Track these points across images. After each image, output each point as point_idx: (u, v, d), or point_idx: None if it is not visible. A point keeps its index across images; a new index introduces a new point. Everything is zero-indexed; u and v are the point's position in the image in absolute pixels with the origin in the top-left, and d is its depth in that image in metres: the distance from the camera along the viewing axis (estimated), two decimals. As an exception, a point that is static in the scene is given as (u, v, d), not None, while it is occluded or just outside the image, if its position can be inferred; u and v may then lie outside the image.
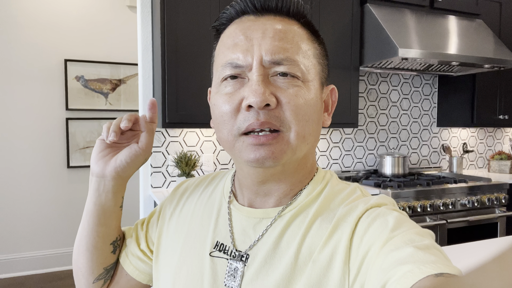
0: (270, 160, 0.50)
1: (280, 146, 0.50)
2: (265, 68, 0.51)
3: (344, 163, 2.77)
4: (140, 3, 2.22)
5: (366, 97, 2.82)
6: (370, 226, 0.47)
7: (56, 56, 3.20)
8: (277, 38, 0.51)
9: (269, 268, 0.51)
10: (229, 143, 0.53)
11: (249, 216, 0.57)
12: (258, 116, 0.49)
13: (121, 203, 0.66)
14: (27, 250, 3.19)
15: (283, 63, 0.50)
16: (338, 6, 2.34)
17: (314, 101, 0.53)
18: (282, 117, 0.50)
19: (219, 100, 0.53)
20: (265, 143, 0.49)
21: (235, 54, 0.51)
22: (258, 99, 0.48)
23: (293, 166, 0.54)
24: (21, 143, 3.13)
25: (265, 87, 0.49)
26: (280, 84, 0.51)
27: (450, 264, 0.38)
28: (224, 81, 0.53)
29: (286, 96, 0.50)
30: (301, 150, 0.52)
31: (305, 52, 0.53)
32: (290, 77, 0.51)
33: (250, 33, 0.52)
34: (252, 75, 0.50)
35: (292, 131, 0.50)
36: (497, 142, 3.37)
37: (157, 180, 2.25)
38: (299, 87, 0.51)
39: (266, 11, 0.54)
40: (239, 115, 0.51)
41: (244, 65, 0.51)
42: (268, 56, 0.50)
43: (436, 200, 2.27)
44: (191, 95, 2.00)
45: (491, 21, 2.82)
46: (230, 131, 0.51)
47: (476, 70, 2.70)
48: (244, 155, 0.51)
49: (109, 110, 3.36)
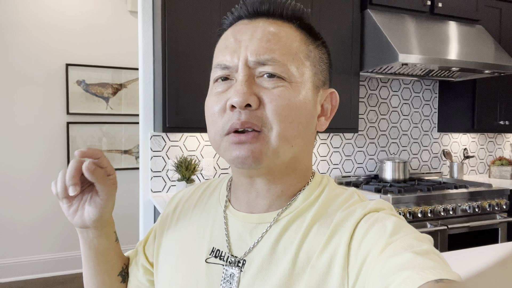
0: (250, 159, 0.50)
1: (259, 146, 0.50)
2: (251, 68, 0.51)
3: (345, 168, 2.76)
4: (141, 8, 2.23)
5: (367, 102, 2.82)
6: (368, 231, 0.46)
7: (58, 60, 3.21)
8: (264, 40, 0.51)
9: (266, 274, 0.50)
10: (216, 142, 0.53)
11: (245, 222, 0.56)
12: (240, 116, 0.49)
13: (115, 238, 0.67)
14: (28, 254, 3.18)
15: (267, 63, 0.50)
16: (338, 12, 2.35)
17: (301, 103, 0.52)
18: (264, 117, 0.50)
19: (209, 100, 0.54)
20: (245, 141, 0.49)
21: (224, 56, 0.53)
22: (240, 99, 0.48)
23: (280, 169, 0.54)
24: (22, 147, 3.13)
25: (247, 87, 0.49)
26: (265, 84, 0.51)
27: (449, 269, 0.37)
28: (216, 82, 0.54)
29: (268, 96, 0.50)
30: (285, 152, 0.51)
31: (294, 54, 0.52)
32: (276, 78, 0.51)
33: (239, 36, 0.53)
34: (238, 75, 0.51)
35: (273, 131, 0.50)
36: (498, 148, 3.37)
37: (157, 184, 2.24)
38: (284, 87, 0.50)
39: (258, 14, 0.54)
40: (225, 115, 0.51)
41: (231, 66, 0.52)
42: (253, 56, 0.50)
43: (437, 205, 2.26)
44: (192, 100, 2.00)
45: (491, 27, 2.83)
46: (216, 132, 0.52)
47: (477, 76, 2.70)
48: (227, 154, 0.52)
49: (110, 114, 3.37)
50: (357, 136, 2.80)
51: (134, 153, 3.47)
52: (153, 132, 2.24)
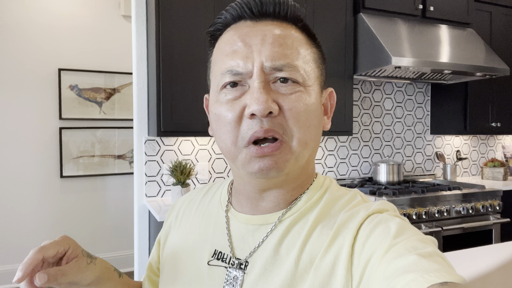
0: (274, 171, 0.50)
1: (283, 156, 0.50)
2: (266, 74, 0.50)
3: (339, 171, 2.77)
4: (135, 13, 2.22)
5: (360, 105, 2.83)
6: (372, 232, 0.46)
7: (50, 65, 3.19)
8: (276, 44, 0.50)
9: (269, 276, 0.50)
10: (231, 153, 0.52)
11: (247, 223, 0.56)
12: (262, 124, 0.48)
13: (118, 274, 0.64)
14: (19, 261, 3.13)
15: (284, 69, 0.50)
16: (331, 16, 2.37)
17: (315, 106, 0.53)
18: (285, 124, 0.49)
19: (220, 108, 0.52)
20: (268, 154, 0.49)
21: (234, 61, 0.51)
22: (261, 107, 0.47)
23: (296, 173, 0.54)
24: (13, 153, 3.09)
25: (267, 94, 0.48)
26: (282, 90, 0.50)
27: (454, 272, 0.37)
28: (224, 88, 0.52)
29: (288, 103, 0.49)
30: (304, 156, 0.52)
31: (304, 57, 0.52)
32: (291, 82, 0.50)
33: (249, 40, 0.51)
34: (253, 82, 0.50)
35: (294, 138, 0.50)
36: (490, 150, 3.41)
37: (151, 189, 2.23)
38: (300, 92, 0.51)
39: (263, 16, 0.53)
40: (243, 123, 0.50)
41: (245, 72, 0.50)
42: (268, 62, 0.49)
43: (431, 207, 2.27)
44: (186, 104, 1.99)
45: (482, 30, 2.86)
46: (234, 142, 0.50)
47: (468, 78, 2.73)
48: (248, 167, 0.50)
49: (103, 119, 3.34)
50: (352, 139, 2.81)
51: (127, 158, 3.44)
52: (147, 137, 2.22)
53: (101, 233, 3.37)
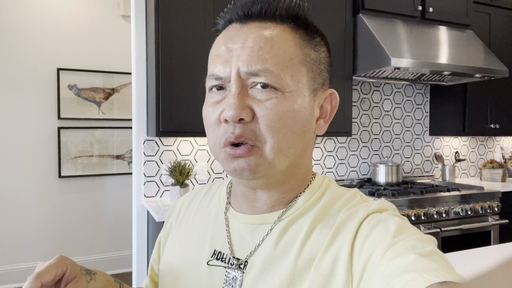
0: (247, 172, 0.50)
1: (254, 159, 0.50)
2: (243, 79, 0.50)
3: (338, 172, 2.77)
4: (134, 13, 2.22)
5: (359, 106, 2.84)
6: (371, 232, 0.46)
7: (49, 65, 3.18)
8: (256, 48, 0.49)
9: (268, 275, 0.50)
10: (215, 153, 0.53)
11: (246, 223, 0.56)
12: (234, 129, 0.49)
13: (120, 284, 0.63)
14: (18, 261, 3.12)
15: (259, 74, 0.49)
16: (331, 17, 2.37)
17: (296, 112, 0.51)
18: (257, 131, 0.49)
19: (206, 110, 0.54)
20: (240, 155, 0.50)
21: (217, 67, 0.51)
22: (232, 114, 0.48)
23: (278, 177, 0.53)
24: (12, 152, 3.08)
25: (240, 101, 0.49)
26: (259, 96, 0.50)
27: (453, 271, 0.37)
28: (211, 91, 0.53)
29: (261, 110, 0.49)
30: (281, 162, 0.51)
31: (288, 61, 0.50)
32: (269, 88, 0.49)
33: (231, 44, 0.51)
34: (231, 87, 0.50)
35: (267, 145, 0.50)
36: (489, 151, 3.41)
37: (150, 189, 2.22)
38: (276, 99, 0.49)
39: (250, 17, 0.52)
40: (221, 126, 0.51)
41: (224, 76, 0.51)
42: (244, 67, 0.49)
43: (430, 208, 2.27)
44: (185, 104, 1.99)
45: (481, 32, 2.87)
46: (215, 143, 0.52)
47: (467, 80, 2.73)
48: (226, 165, 0.52)
49: (102, 119, 3.34)
50: (350, 140, 2.81)
51: (126, 158, 3.44)
52: (146, 137, 2.22)
53: (99, 233, 3.36)
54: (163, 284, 0.62)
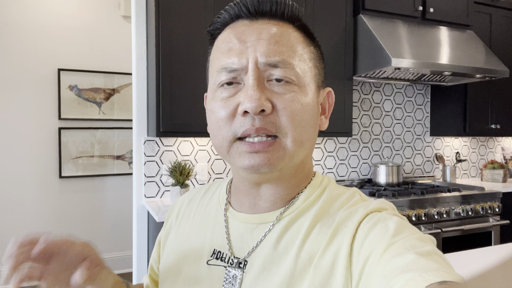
0: (265, 167, 0.50)
1: (277, 153, 0.50)
2: (260, 71, 0.50)
3: (339, 172, 2.77)
4: (135, 13, 2.22)
5: (360, 107, 2.83)
6: (370, 231, 0.46)
7: (49, 65, 3.19)
8: (272, 41, 0.50)
9: (268, 274, 0.50)
10: (223, 149, 0.52)
11: (246, 222, 0.56)
12: (254, 122, 0.48)
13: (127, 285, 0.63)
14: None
15: (278, 65, 0.50)
16: (331, 17, 2.37)
17: (311, 106, 0.52)
18: (278, 123, 0.49)
19: (215, 105, 0.52)
20: (260, 150, 0.49)
21: (230, 59, 0.51)
22: (254, 104, 0.47)
23: (291, 171, 0.54)
24: (12, 153, 3.09)
25: (260, 92, 0.48)
26: (276, 89, 0.50)
27: (452, 271, 0.37)
28: (220, 87, 0.52)
29: (282, 102, 0.49)
30: (298, 156, 0.52)
31: (300, 56, 0.52)
32: (285, 82, 0.50)
33: (244, 37, 0.51)
34: (248, 79, 0.50)
35: (288, 137, 0.50)
36: (490, 151, 3.40)
37: (150, 189, 2.22)
38: (295, 92, 0.50)
39: (260, 15, 0.53)
40: (235, 120, 0.50)
41: (239, 67, 0.50)
42: (263, 58, 0.49)
43: (431, 209, 2.27)
44: (186, 104, 1.99)
45: (481, 32, 2.87)
46: (224, 137, 0.51)
47: (468, 80, 2.73)
48: (239, 161, 0.51)
49: (102, 119, 3.34)
50: (351, 140, 2.81)
51: (127, 158, 3.44)
52: (146, 137, 2.22)
53: (100, 233, 3.36)
54: (163, 283, 0.62)
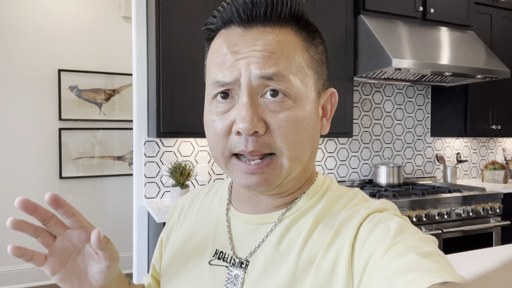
0: (262, 187, 0.50)
1: (273, 172, 0.49)
2: (254, 85, 0.48)
3: (339, 173, 2.77)
4: (135, 14, 2.22)
5: (361, 107, 2.83)
6: (372, 231, 0.46)
7: (50, 66, 3.19)
8: (267, 53, 0.48)
9: (270, 274, 0.50)
10: (221, 162, 0.52)
11: (247, 223, 0.56)
12: (247, 144, 0.47)
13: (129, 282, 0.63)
14: (19, 262, 3.12)
15: (273, 78, 0.47)
16: (332, 17, 2.37)
17: (308, 119, 0.50)
18: (273, 143, 0.48)
19: (211, 118, 0.51)
20: (256, 171, 0.48)
21: (222, 73, 0.49)
22: (247, 126, 0.46)
23: (291, 184, 0.54)
24: (13, 153, 3.09)
25: (253, 113, 0.47)
26: (271, 106, 0.48)
27: (454, 272, 0.37)
28: (215, 99, 0.51)
29: (276, 122, 0.48)
30: (296, 170, 0.52)
31: (298, 65, 0.49)
32: (280, 96, 0.48)
33: (237, 48, 0.49)
34: (242, 95, 0.48)
35: (284, 155, 0.49)
36: (490, 152, 3.40)
37: (151, 190, 2.22)
38: (289, 110, 0.48)
39: (253, 20, 0.49)
40: (230, 138, 0.49)
41: (232, 81, 0.48)
42: (257, 70, 0.47)
43: (431, 209, 2.26)
44: (186, 105, 1.99)
45: (482, 33, 2.86)
46: (221, 152, 0.50)
47: (469, 81, 2.73)
48: (236, 179, 0.50)
49: (102, 120, 3.34)
50: (352, 141, 2.81)
51: (127, 159, 3.44)
52: (147, 138, 2.22)
53: (100, 234, 3.36)
54: (165, 283, 0.62)
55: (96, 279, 0.53)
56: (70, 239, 0.51)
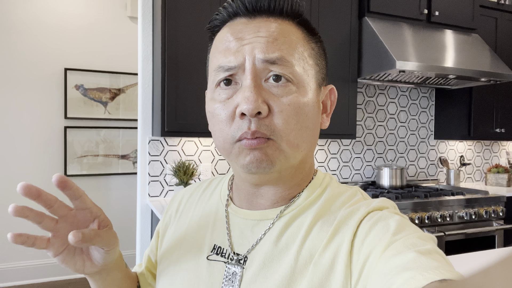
0: (265, 163, 0.49)
1: (272, 151, 0.49)
2: (258, 69, 0.49)
3: (342, 174, 2.77)
4: (141, 14, 2.24)
5: (364, 109, 2.83)
6: (371, 229, 0.46)
7: (56, 64, 3.22)
8: (271, 38, 0.49)
9: (268, 271, 0.50)
10: (225, 150, 0.52)
11: (246, 219, 0.56)
12: (250, 125, 0.48)
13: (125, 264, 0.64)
14: (25, 259, 3.15)
15: (277, 62, 0.48)
16: (336, 19, 2.37)
17: (310, 107, 0.51)
18: (273, 126, 0.48)
19: (214, 106, 0.52)
20: (257, 146, 0.48)
21: (227, 58, 0.50)
22: (251, 106, 0.47)
23: (290, 172, 0.54)
24: (18, 151, 3.11)
25: (257, 94, 0.48)
26: (274, 91, 0.49)
27: (452, 269, 0.37)
28: (218, 87, 0.52)
29: (278, 105, 0.49)
30: (295, 157, 0.52)
31: (300, 53, 0.51)
32: (283, 81, 0.49)
33: (242, 35, 0.50)
34: (245, 78, 0.49)
35: (284, 140, 0.49)
36: (494, 155, 3.39)
37: (154, 189, 2.24)
38: (293, 94, 0.49)
39: (258, 12, 0.51)
40: (234, 123, 0.50)
41: (236, 65, 0.49)
42: (261, 54, 0.48)
43: (434, 212, 2.26)
44: (190, 104, 2.00)
45: (487, 36, 2.86)
46: (225, 140, 0.51)
47: (473, 84, 2.72)
48: (240, 159, 0.50)
49: (108, 119, 3.37)
50: (355, 142, 2.81)
51: (131, 158, 3.46)
52: (151, 137, 2.23)
53: (103, 232, 3.38)
54: (162, 277, 0.61)
55: (97, 260, 0.54)
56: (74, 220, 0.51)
